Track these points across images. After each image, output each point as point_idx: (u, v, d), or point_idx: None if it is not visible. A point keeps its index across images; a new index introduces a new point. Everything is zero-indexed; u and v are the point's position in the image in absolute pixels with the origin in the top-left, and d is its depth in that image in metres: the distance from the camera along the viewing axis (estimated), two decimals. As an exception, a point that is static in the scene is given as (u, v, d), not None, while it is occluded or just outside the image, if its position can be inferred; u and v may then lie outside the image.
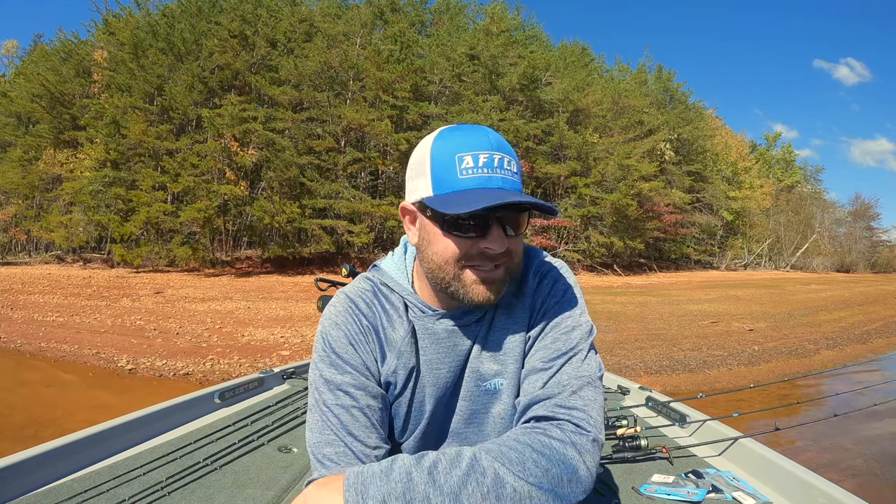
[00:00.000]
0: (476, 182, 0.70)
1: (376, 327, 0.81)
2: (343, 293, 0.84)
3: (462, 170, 0.70)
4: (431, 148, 0.74)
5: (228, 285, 14.07)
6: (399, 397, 0.83)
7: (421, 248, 0.77)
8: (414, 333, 0.82)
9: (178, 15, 19.37)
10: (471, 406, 0.84)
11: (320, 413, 0.76)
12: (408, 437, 0.85)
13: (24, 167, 19.41)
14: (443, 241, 0.73)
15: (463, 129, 0.74)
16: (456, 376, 0.83)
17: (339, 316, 0.81)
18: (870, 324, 12.57)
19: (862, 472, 4.20)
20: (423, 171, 0.74)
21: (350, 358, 0.78)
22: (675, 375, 7.23)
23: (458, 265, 0.74)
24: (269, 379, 2.16)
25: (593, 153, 22.37)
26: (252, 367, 6.63)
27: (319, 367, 0.78)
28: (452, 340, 0.82)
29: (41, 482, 1.22)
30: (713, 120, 38.22)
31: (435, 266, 0.75)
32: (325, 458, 0.73)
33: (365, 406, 0.76)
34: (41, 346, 7.36)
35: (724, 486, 1.36)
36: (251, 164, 17.72)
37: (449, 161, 0.71)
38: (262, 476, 1.36)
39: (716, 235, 32.88)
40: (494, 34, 22.17)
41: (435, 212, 0.72)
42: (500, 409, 0.84)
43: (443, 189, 0.71)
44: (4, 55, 33.27)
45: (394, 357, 0.81)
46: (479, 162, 0.71)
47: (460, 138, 0.73)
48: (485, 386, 0.83)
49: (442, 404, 0.84)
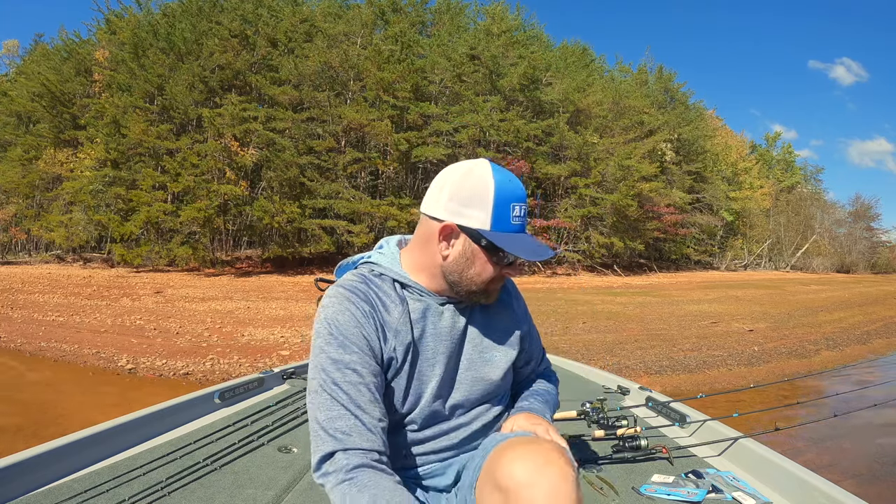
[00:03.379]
0: (519, 228, 0.91)
1: (374, 310, 0.91)
2: (337, 286, 0.94)
3: (513, 217, 0.90)
4: (495, 190, 0.88)
5: (228, 285, 14.07)
6: (399, 373, 0.93)
7: (456, 263, 0.92)
8: (408, 313, 0.94)
9: (178, 14, 19.37)
10: (473, 374, 0.99)
11: (329, 391, 0.84)
12: (409, 407, 0.95)
13: (25, 166, 19.41)
14: (487, 266, 0.92)
15: (512, 178, 0.92)
16: (457, 349, 0.98)
17: (340, 303, 0.90)
18: (870, 324, 12.56)
19: (862, 472, 4.20)
20: (482, 206, 0.88)
21: (356, 339, 0.87)
22: (675, 376, 7.23)
23: (489, 283, 0.94)
24: (269, 379, 2.16)
25: (594, 154, 22.35)
26: (252, 367, 6.63)
27: (326, 349, 0.87)
28: (453, 320, 0.97)
29: (41, 482, 1.22)
30: (713, 120, 38.22)
31: (468, 279, 0.93)
32: (338, 432, 0.81)
33: (370, 382, 0.86)
34: (41, 346, 7.36)
35: (724, 486, 1.36)
36: (251, 164, 17.72)
37: (506, 206, 0.89)
38: (262, 476, 1.36)
39: (716, 236, 32.85)
40: (495, 34, 22.17)
41: (491, 244, 0.89)
42: (495, 375, 1.01)
43: (499, 228, 0.89)
44: (5, 54, 33.28)
45: (392, 335, 0.91)
46: (521, 212, 0.91)
47: (512, 188, 0.90)
48: (485, 356, 1.01)
49: (445, 375, 0.97)
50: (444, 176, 0.93)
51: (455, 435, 0.98)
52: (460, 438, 0.98)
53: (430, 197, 0.94)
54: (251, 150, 17.70)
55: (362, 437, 0.81)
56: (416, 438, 0.96)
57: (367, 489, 0.76)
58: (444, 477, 0.98)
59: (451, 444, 0.98)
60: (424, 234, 0.94)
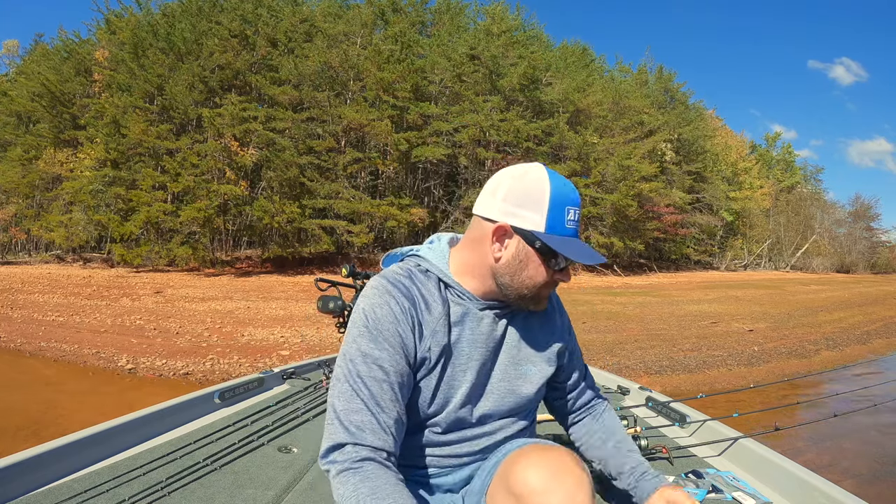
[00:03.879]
0: (572, 232, 0.90)
1: (415, 307, 0.90)
2: (381, 276, 0.93)
3: (567, 220, 0.89)
4: (551, 192, 0.87)
5: (228, 285, 14.07)
6: (430, 373, 0.91)
7: (508, 265, 0.90)
8: (448, 315, 0.92)
9: (178, 14, 19.36)
10: (506, 386, 0.97)
11: (352, 383, 0.84)
12: (436, 410, 0.93)
13: (25, 166, 19.39)
14: (540, 269, 0.90)
15: (567, 182, 0.91)
16: (492, 357, 0.96)
17: (381, 296, 0.89)
18: (870, 324, 12.57)
19: (862, 472, 4.20)
20: (538, 208, 0.87)
21: (390, 335, 0.86)
22: (675, 376, 7.24)
23: (541, 288, 0.92)
24: (269, 379, 2.15)
25: (594, 154, 22.35)
26: (252, 367, 6.64)
27: (359, 340, 0.86)
28: (492, 326, 0.95)
29: (41, 482, 1.22)
30: (713, 120, 38.21)
31: (520, 282, 0.91)
32: (352, 425, 0.81)
33: (395, 381, 0.85)
34: (41, 346, 7.36)
35: (724, 486, 1.36)
36: (251, 164, 17.71)
37: (561, 209, 0.88)
38: (262, 476, 1.36)
39: (716, 236, 32.85)
40: (495, 34, 22.16)
41: (545, 246, 0.87)
42: (528, 390, 0.99)
43: (554, 231, 0.87)
44: (5, 54, 33.21)
45: (429, 335, 0.90)
46: (575, 216, 0.90)
47: (567, 192, 0.89)
48: (520, 369, 0.98)
49: (477, 381, 0.95)
50: (498, 177, 0.92)
51: (478, 443, 0.97)
52: (482, 447, 0.97)
53: (483, 198, 0.92)
54: (251, 150, 17.69)
55: (375, 435, 0.81)
56: (438, 441, 0.95)
57: (369, 480, 0.76)
58: (452, 477, 0.98)
59: (471, 451, 0.96)
60: (477, 234, 0.92)
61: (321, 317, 8.38)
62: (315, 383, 2.19)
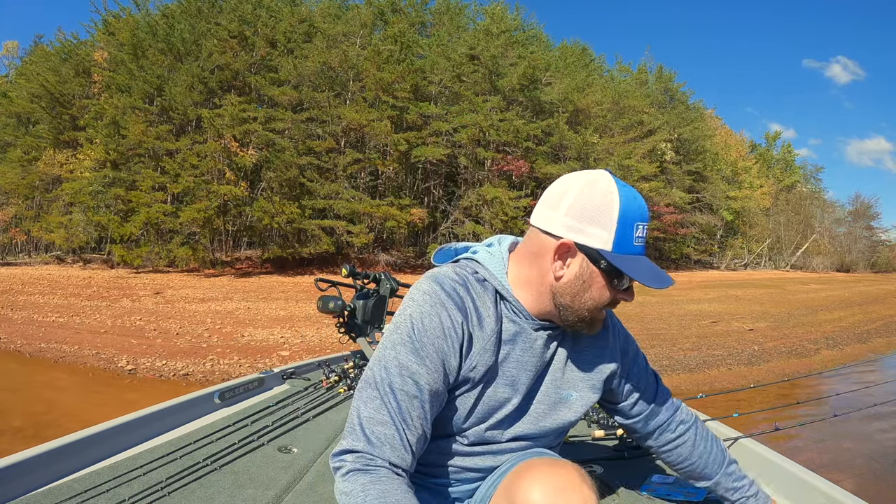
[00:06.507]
0: (640, 251, 0.82)
1: (467, 321, 0.83)
2: (435, 281, 0.84)
3: (636, 237, 0.81)
4: (620, 207, 0.79)
5: (228, 286, 14.07)
6: (470, 391, 0.86)
7: (570, 286, 0.82)
8: (500, 332, 0.85)
9: (177, 15, 19.36)
10: (545, 410, 0.92)
11: (382, 392, 0.78)
12: (469, 426, 0.88)
13: (24, 167, 19.39)
14: (604, 291, 0.83)
15: (637, 195, 0.82)
16: (538, 381, 0.91)
17: (433, 306, 0.81)
18: (870, 323, 12.57)
19: (862, 472, 4.20)
20: (606, 224, 0.79)
21: (433, 350, 0.79)
22: (675, 375, 7.24)
23: (601, 309, 0.85)
24: (269, 379, 2.15)
25: (593, 153, 22.36)
26: (252, 367, 6.64)
27: (398, 348, 0.80)
28: (543, 349, 0.89)
29: (41, 482, 1.22)
30: (713, 119, 38.22)
31: (580, 304, 0.83)
32: (374, 436, 0.77)
33: (426, 399, 0.79)
34: (41, 347, 7.36)
35: (724, 485, 1.35)
36: (251, 165, 17.72)
37: (630, 226, 0.80)
38: (261, 476, 1.36)
39: (716, 235, 32.86)
40: (494, 34, 22.15)
41: (612, 267, 0.80)
42: (567, 416, 0.94)
43: (622, 250, 0.80)
44: (5, 55, 33.19)
45: (477, 353, 0.83)
46: (643, 233, 0.82)
47: (638, 206, 0.81)
48: (561, 394, 0.93)
49: (517, 402, 0.89)
50: (561, 186, 0.83)
51: (502, 458, 0.92)
52: (503, 461, 0.93)
53: (544, 208, 0.84)
54: (251, 151, 17.70)
55: (395, 452, 0.77)
56: (462, 451, 0.90)
57: (380, 483, 0.74)
58: (465, 487, 0.94)
59: (494, 465, 0.92)
60: (536, 248, 0.84)
61: (321, 317, 8.38)
62: (315, 383, 2.18)
